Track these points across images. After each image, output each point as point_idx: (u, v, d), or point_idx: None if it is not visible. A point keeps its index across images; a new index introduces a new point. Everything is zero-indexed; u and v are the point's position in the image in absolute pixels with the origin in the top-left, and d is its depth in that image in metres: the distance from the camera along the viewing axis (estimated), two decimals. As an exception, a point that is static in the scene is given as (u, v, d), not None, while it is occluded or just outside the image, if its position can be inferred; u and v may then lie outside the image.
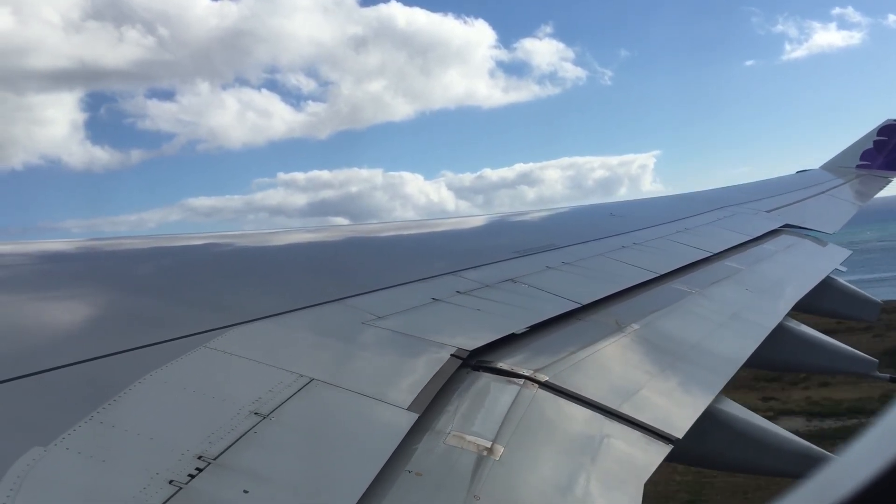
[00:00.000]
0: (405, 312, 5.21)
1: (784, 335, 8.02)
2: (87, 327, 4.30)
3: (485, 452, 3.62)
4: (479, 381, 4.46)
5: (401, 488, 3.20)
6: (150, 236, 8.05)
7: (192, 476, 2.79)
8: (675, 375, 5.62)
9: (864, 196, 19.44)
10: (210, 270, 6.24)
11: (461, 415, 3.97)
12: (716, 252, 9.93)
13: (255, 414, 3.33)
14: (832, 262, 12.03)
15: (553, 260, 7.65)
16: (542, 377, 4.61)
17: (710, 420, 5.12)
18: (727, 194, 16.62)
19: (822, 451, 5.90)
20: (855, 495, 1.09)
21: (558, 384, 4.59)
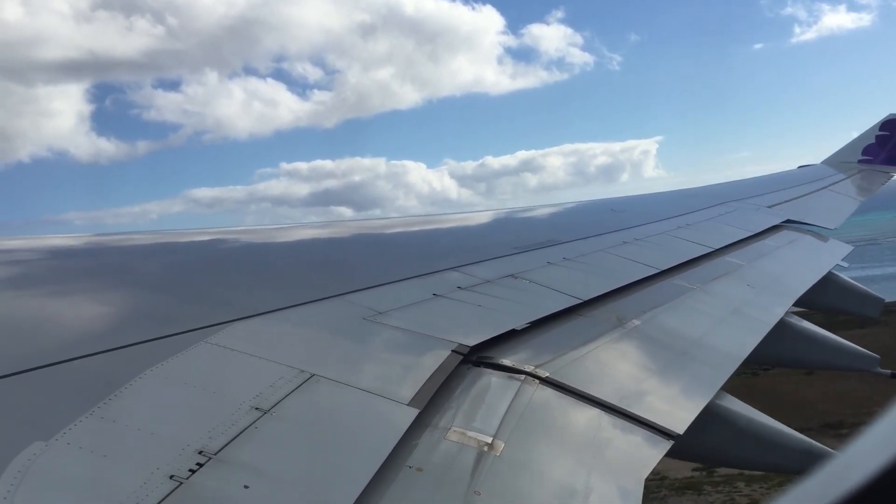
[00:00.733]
0: (406, 308, 5.21)
1: (785, 331, 8.02)
2: (88, 323, 4.30)
3: (486, 448, 3.62)
4: (479, 376, 4.46)
5: (402, 484, 3.20)
6: (151, 232, 8.06)
7: (192, 471, 2.79)
8: (676, 371, 5.62)
9: (865, 191, 19.42)
10: (211, 266, 6.24)
11: (462, 410, 3.97)
12: (717, 248, 9.93)
13: (256, 409, 3.33)
14: (834, 257, 12.02)
15: (554, 255, 7.65)
16: (543, 373, 4.61)
17: (711, 416, 5.12)
18: (728, 189, 16.61)
19: (823, 447, 5.91)
20: (854, 494, 1.09)
21: (559, 380, 4.59)
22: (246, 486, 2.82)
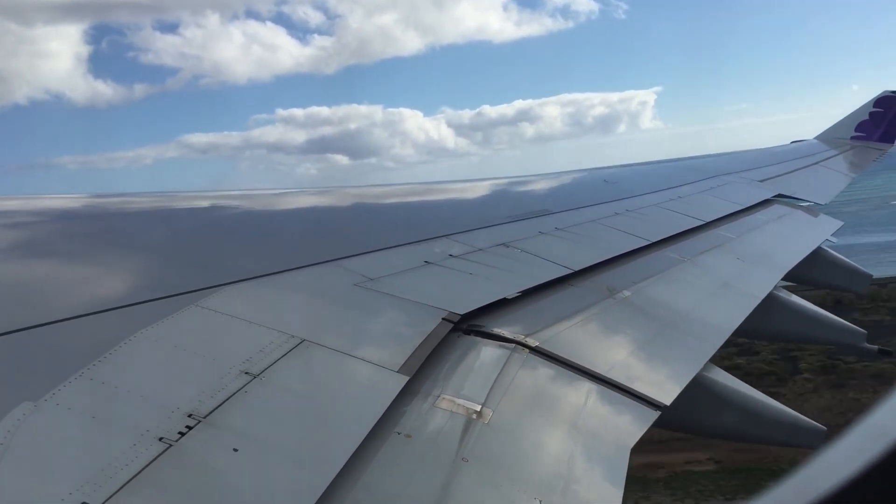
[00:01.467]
0: (397, 275, 5.21)
1: (774, 305, 8.07)
2: (79, 284, 4.28)
3: (474, 416, 3.64)
4: (469, 344, 4.48)
5: (390, 450, 3.22)
6: (144, 194, 8.02)
7: (182, 434, 2.80)
8: (664, 343, 5.65)
9: (857, 167, 19.48)
10: (203, 229, 6.22)
11: (451, 378, 3.99)
12: (708, 221, 9.95)
13: (246, 374, 3.34)
14: (823, 232, 12.07)
15: (546, 225, 7.65)
16: (533, 342, 4.63)
17: (698, 387, 5.16)
18: (720, 163, 16.62)
19: (809, 420, 5.97)
20: (835, 493, 1.10)
21: (548, 349, 4.61)
22: (235, 450, 2.83)
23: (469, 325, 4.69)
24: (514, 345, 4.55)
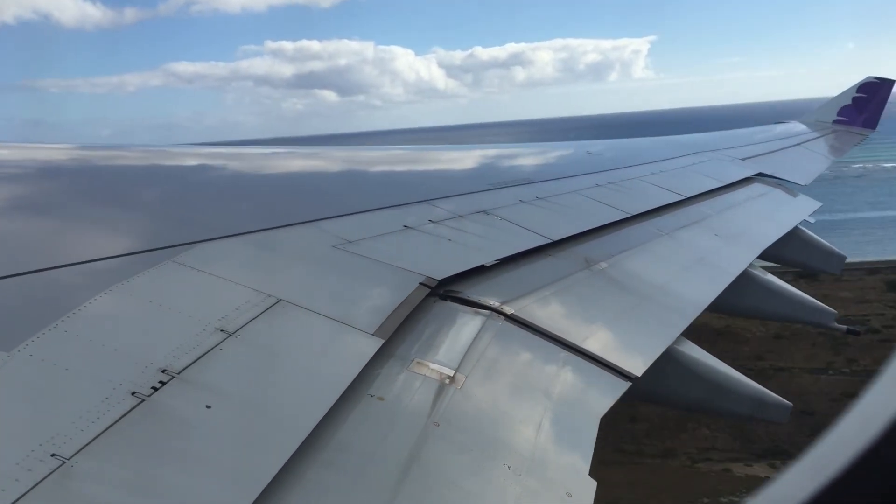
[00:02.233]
0: (376, 238, 5.21)
1: (748, 282, 8.17)
2: (53, 236, 4.24)
3: (447, 381, 3.67)
4: (445, 310, 4.50)
5: (362, 412, 3.24)
6: (123, 147, 7.92)
7: (154, 389, 2.80)
8: (638, 315, 5.70)
9: (838, 151, 19.69)
10: (182, 185, 6.16)
11: (426, 343, 4.01)
12: (688, 196, 10.02)
13: (221, 331, 3.34)
14: (801, 212, 12.20)
15: (527, 194, 7.66)
16: (509, 310, 4.65)
17: (669, 360, 5.22)
18: (704, 140, 16.72)
19: (775, 396, 6.06)
20: (822, 491, 1.11)
21: (524, 317, 4.64)
22: (208, 406, 2.84)
23: (446, 290, 4.71)
24: (489, 312, 4.57)
